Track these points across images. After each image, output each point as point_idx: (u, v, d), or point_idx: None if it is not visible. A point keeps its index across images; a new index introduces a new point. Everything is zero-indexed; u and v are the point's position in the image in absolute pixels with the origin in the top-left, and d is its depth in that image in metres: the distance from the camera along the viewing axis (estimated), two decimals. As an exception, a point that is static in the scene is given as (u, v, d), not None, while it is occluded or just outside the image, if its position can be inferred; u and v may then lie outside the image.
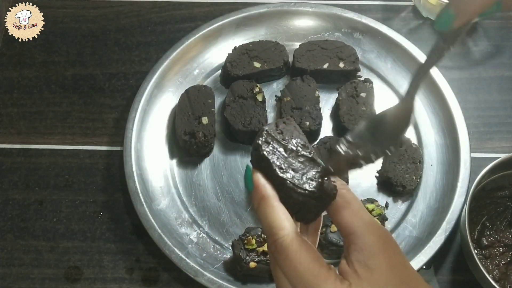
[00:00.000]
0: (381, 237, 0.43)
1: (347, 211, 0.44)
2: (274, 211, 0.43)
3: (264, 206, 0.43)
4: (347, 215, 0.44)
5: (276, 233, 0.42)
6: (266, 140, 0.45)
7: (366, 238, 0.43)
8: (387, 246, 0.43)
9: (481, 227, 0.77)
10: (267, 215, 0.43)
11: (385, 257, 0.43)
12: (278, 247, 0.42)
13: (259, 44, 0.89)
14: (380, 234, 0.44)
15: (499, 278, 0.73)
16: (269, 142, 0.45)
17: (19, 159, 0.85)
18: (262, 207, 0.43)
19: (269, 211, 0.43)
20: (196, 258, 0.75)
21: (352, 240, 0.44)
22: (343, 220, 0.44)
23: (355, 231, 0.44)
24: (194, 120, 0.82)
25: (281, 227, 0.42)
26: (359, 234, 0.43)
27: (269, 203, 0.43)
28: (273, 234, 0.42)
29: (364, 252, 0.43)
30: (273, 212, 0.43)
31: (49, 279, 0.77)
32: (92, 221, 0.81)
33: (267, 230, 0.43)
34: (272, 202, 0.43)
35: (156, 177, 0.81)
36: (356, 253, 0.43)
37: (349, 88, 0.85)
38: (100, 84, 0.91)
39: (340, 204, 0.44)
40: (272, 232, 0.43)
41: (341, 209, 0.44)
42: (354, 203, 0.45)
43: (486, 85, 0.90)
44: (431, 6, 0.91)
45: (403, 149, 0.81)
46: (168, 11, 0.98)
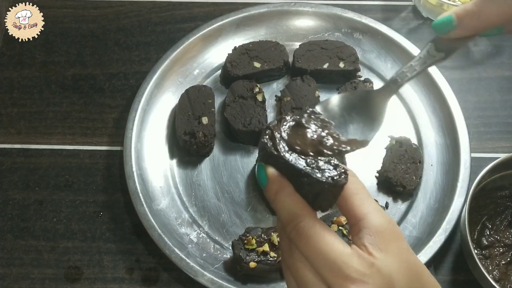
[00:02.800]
0: (390, 222, 0.45)
1: (358, 197, 0.46)
2: (293, 198, 0.44)
3: (282, 195, 0.45)
4: (357, 201, 0.45)
5: (297, 218, 0.44)
6: (272, 137, 0.46)
7: (378, 222, 0.44)
8: (395, 232, 0.45)
9: (481, 227, 0.77)
10: (286, 203, 0.44)
11: (394, 242, 0.45)
12: (300, 230, 0.43)
13: (259, 44, 0.89)
14: (389, 220, 0.45)
15: (499, 278, 0.73)
16: (275, 138, 0.46)
17: (19, 159, 0.85)
18: (280, 196, 0.45)
19: (288, 199, 0.44)
20: (196, 258, 0.75)
21: (363, 225, 0.45)
22: (354, 206, 0.45)
23: (365, 216, 0.45)
24: (194, 120, 0.82)
25: (301, 213, 0.44)
26: (369, 218, 0.45)
27: (286, 191, 0.45)
28: (294, 219, 0.44)
29: (376, 236, 0.44)
30: (291, 199, 0.44)
31: (49, 279, 0.77)
32: (92, 221, 0.81)
33: (286, 217, 0.44)
34: (290, 190, 0.45)
35: (156, 177, 0.81)
36: (368, 237, 0.44)
37: (349, 88, 0.85)
38: (100, 84, 0.91)
39: (351, 190, 0.46)
40: (293, 218, 0.44)
41: (351, 196, 0.46)
42: (364, 191, 0.46)
43: (486, 85, 0.90)
44: (431, 6, 0.91)
45: (403, 149, 0.81)
46: (168, 11, 0.98)
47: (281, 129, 0.46)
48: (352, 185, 0.46)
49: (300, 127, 0.47)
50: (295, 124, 0.47)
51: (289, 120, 0.47)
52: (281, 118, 0.47)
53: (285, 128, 0.47)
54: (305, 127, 0.47)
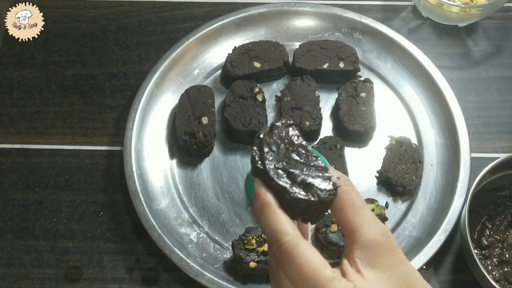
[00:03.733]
0: (383, 235, 0.44)
1: (351, 208, 0.44)
2: (276, 217, 0.43)
3: (266, 213, 0.43)
4: (350, 213, 0.44)
5: (281, 238, 0.42)
6: (261, 149, 0.44)
7: (369, 235, 0.43)
8: (389, 245, 0.44)
9: (481, 227, 0.77)
10: (270, 222, 0.43)
11: (386, 256, 0.43)
12: (283, 252, 0.42)
13: (259, 44, 0.89)
14: (383, 232, 0.44)
15: (499, 278, 0.73)
16: (264, 151, 0.44)
17: (19, 159, 0.85)
18: (264, 214, 0.43)
19: (272, 217, 0.43)
20: (196, 258, 0.75)
21: (355, 238, 0.44)
22: (347, 218, 0.44)
23: (358, 229, 0.44)
24: (194, 120, 0.82)
25: (285, 232, 0.42)
26: (362, 232, 0.43)
27: (270, 209, 0.43)
28: (278, 240, 0.42)
29: (366, 250, 0.43)
30: (275, 218, 0.43)
31: (49, 279, 0.77)
32: (92, 221, 0.81)
33: (270, 236, 0.43)
34: (274, 209, 0.43)
35: (156, 177, 0.81)
36: (359, 252, 0.43)
37: (349, 88, 0.85)
38: (100, 84, 0.91)
39: (344, 201, 0.44)
40: (276, 238, 0.43)
41: (344, 207, 0.44)
42: (358, 201, 0.45)
43: (486, 85, 0.90)
44: (431, 6, 0.91)
45: (403, 149, 0.81)
46: (168, 11, 0.98)
47: (271, 138, 0.45)
48: (346, 196, 0.44)
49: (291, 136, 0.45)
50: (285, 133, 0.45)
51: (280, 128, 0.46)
52: (272, 125, 0.45)
53: (275, 137, 0.45)
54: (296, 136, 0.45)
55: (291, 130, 0.46)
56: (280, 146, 0.45)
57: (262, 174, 0.44)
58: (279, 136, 0.45)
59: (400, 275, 0.43)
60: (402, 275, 0.43)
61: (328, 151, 0.80)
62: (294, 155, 0.44)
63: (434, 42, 0.93)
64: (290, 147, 0.45)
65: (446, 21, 0.94)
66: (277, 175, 0.43)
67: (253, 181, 0.44)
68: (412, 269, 0.45)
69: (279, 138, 0.45)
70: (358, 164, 0.82)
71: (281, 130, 0.45)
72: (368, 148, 0.84)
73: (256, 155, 0.44)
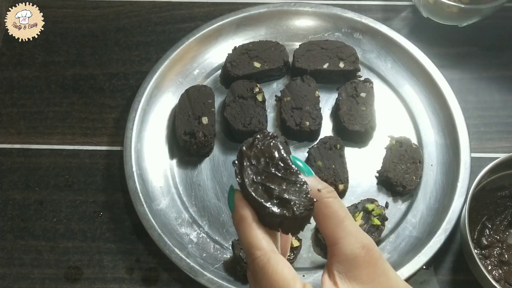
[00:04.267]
0: (363, 247, 0.43)
1: (331, 221, 0.44)
2: (251, 231, 0.43)
3: (243, 226, 0.44)
4: (330, 226, 0.44)
5: (254, 253, 0.43)
6: (241, 162, 0.44)
7: (348, 249, 0.43)
8: (369, 257, 0.43)
9: (481, 227, 0.77)
10: (245, 235, 0.43)
11: (366, 268, 0.43)
12: (256, 266, 0.43)
13: (259, 44, 0.89)
14: (363, 245, 0.43)
15: (499, 278, 0.73)
16: (244, 164, 0.44)
17: (19, 159, 0.85)
18: (241, 227, 0.44)
19: (247, 231, 0.43)
20: (196, 258, 0.75)
21: (334, 251, 0.44)
22: (327, 231, 0.44)
23: (338, 241, 0.44)
24: (194, 120, 0.82)
25: (258, 247, 0.43)
26: (341, 245, 0.43)
27: (246, 223, 0.43)
28: (251, 254, 0.43)
29: (344, 264, 0.43)
30: (250, 232, 0.43)
31: (49, 279, 0.77)
32: (92, 221, 0.81)
33: (246, 249, 0.44)
34: (249, 223, 0.43)
35: (156, 177, 0.81)
36: (337, 264, 0.43)
37: (349, 88, 0.85)
38: (100, 84, 0.91)
39: (325, 214, 0.44)
40: (250, 252, 0.43)
41: (325, 219, 0.44)
42: (340, 213, 0.44)
43: (486, 85, 0.90)
44: (431, 6, 0.91)
45: (403, 149, 0.81)
46: (168, 11, 0.98)
47: (252, 151, 0.44)
48: (326, 209, 0.44)
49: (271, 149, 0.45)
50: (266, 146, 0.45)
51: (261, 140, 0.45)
52: (255, 137, 0.45)
53: (256, 151, 0.45)
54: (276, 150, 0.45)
55: (272, 143, 0.45)
56: (260, 160, 0.44)
57: (241, 188, 0.44)
58: (259, 149, 0.45)
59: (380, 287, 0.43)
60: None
61: (328, 151, 0.80)
62: (273, 169, 0.44)
63: (434, 42, 0.93)
64: (270, 160, 0.44)
65: (446, 21, 0.94)
66: (255, 190, 0.43)
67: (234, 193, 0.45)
68: (396, 281, 0.44)
69: (259, 151, 0.45)
70: (358, 164, 0.82)
71: (262, 143, 0.45)
72: (368, 148, 0.84)
73: (237, 168, 0.44)
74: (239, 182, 0.44)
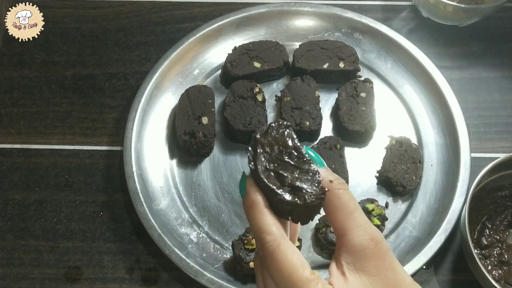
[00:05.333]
0: (372, 240, 0.44)
1: (341, 212, 0.44)
2: (262, 217, 0.44)
3: (253, 212, 0.44)
4: (340, 217, 0.44)
5: (264, 238, 0.43)
6: (255, 149, 0.45)
7: (356, 240, 0.44)
8: (377, 250, 0.44)
9: (481, 227, 0.77)
10: (255, 221, 0.44)
11: (374, 261, 0.43)
12: (265, 251, 0.43)
13: (259, 44, 0.89)
14: (372, 237, 0.44)
15: (499, 278, 0.73)
16: (257, 151, 0.45)
17: (19, 159, 0.85)
18: (251, 212, 0.44)
19: (258, 217, 0.44)
20: (196, 258, 0.75)
21: (343, 242, 0.44)
22: (336, 221, 0.45)
23: (347, 233, 0.44)
24: (194, 120, 0.82)
25: (268, 232, 0.43)
26: (350, 236, 0.44)
27: (257, 209, 0.44)
28: (261, 239, 0.43)
29: (353, 255, 0.43)
30: (261, 217, 0.44)
31: (49, 279, 0.77)
32: (92, 221, 0.81)
33: (256, 235, 0.44)
34: (261, 208, 0.44)
35: (156, 177, 0.81)
36: (345, 255, 0.44)
37: (349, 88, 0.85)
38: (100, 84, 0.91)
39: (335, 205, 0.45)
40: (260, 237, 0.44)
41: (335, 210, 0.45)
42: (349, 205, 0.45)
43: (486, 85, 0.90)
44: (431, 6, 0.91)
45: (403, 149, 0.81)
46: (168, 11, 0.98)
47: (266, 139, 0.45)
48: (337, 200, 0.44)
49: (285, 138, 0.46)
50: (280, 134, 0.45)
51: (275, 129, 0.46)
52: (269, 126, 0.46)
53: (270, 138, 0.45)
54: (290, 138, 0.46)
55: (286, 132, 0.46)
56: (274, 148, 0.45)
57: (254, 174, 0.44)
58: (273, 137, 0.45)
59: (387, 281, 0.43)
60: (389, 281, 0.43)
61: (328, 151, 0.80)
62: (286, 157, 0.45)
63: (434, 42, 0.93)
64: (284, 148, 0.45)
65: (446, 21, 0.94)
66: (267, 176, 0.44)
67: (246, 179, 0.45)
68: (403, 275, 0.44)
69: (273, 139, 0.45)
70: (358, 164, 0.82)
71: (277, 131, 0.46)
72: (368, 148, 0.84)
73: (250, 155, 0.45)
74: (252, 168, 0.44)
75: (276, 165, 0.44)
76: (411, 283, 0.45)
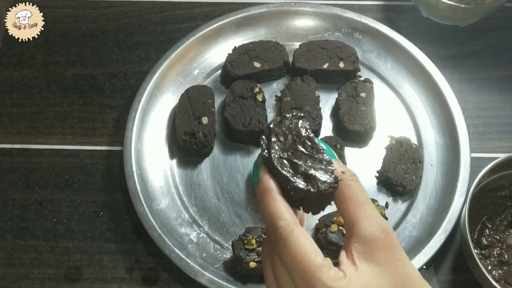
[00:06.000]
0: (383, 231, 0.44)
1: (352, 203, 0.45)
2: (275, 203, 0.44)
3: (266, 198, 0.45)
4: (351, 207, 0.45)
5: (277, 223, 0.44)
6: (269, 138, 0.46)
7: (367, 230, 0.44)
8: (387, 241, 0.44)
9: (481, 227, 0.77)
10: (268, 207, 0.45)
11: (384, 251, 0.44)
12: (278, 236, 0.44)
13: (259, 44, 0.89)
14: (383, 229, 0.44)
15: (499, 278, 0.73)
16: (272, 140, 0.45)
17: (19, 159, 0.85)
18: (265, 199, 0.45)
19: (271, 203, 0.44)
20: (196, 258, 0.75)
21: (353, 232, 0.45)
22: (347, 211, 0.45)
23: (358, 223, 0.45)
24: (194, 120, 0.82)
25: (282, 217, 0.44)
26: (361, 226, 0.44)
27: (270, 195, 0.45)
28: (274, 224, 0.44)
29: (363, 244, 0.44)
30: (274, 204, 0.44)
31: (49, 279, 0.77)
32: (92, 221, 0.81)
33: (268, 221, 0.45)
34: (274, 195, 0.45)
35: (156, 177, 0.81)
36: (356, 245, 0.44)
37: (349, 88, 0.85)
38: (100, 84, 0.91)
39: (346, 195, 0.45)
40: (273, 222, 0.44)
41: (346, 201, 0.45)
42: (360, 196, 0.46)
43: (486, 85, 0.90)
44: (431, 6, 0.91)
45: (403, 149, 0.81)
46: (168, 11, 0.98)
47: (280, 128, 0.46)
48: (348, 190, 0.45)
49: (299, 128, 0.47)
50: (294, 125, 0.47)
51: (290, 119, 0.47)
52: (283, 116, 0.47)
53: (284, 128, 0.46)
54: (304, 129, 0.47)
55: (300, 122, 0.47)
56: (288, 137, 0.46)
57: (267, 162, 0.45)
58: (287, 127, 0.47)
59: (396, 272, 0.44)
60: (398, 273, 0.44)
61: None
62: (300, 147, 0.46)
63: (434, 42, 0.93)
64: (298, 138, 0.46)
65: (446, 21, 0.94)
66: (281, 164, 0.45)
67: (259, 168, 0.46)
68: (411, 269, 0.45)
69: (287, 129, 0.46)
70: (358, 164, 0.82)
71: (291, 121, 0.47)
72: (368, 148, 0.84)
73: (264, 143, 0.46)
74: (265, 156, 0.45)
75: (289, 154, 0.45)
76: (419, 277, 0.45)
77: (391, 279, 0.43)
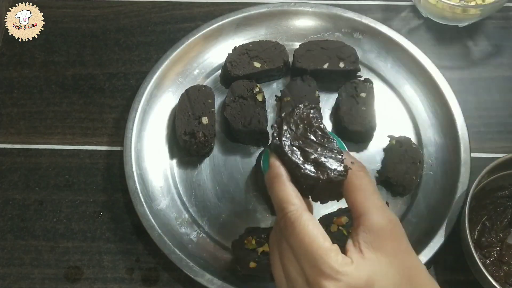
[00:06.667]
0: (390, 222, 0.45)
1: (361, 193, 0.46)
2: (285, 188, 0.45)
3: (277, 183, 0.46)
4: (360, 197, 0.46)
5: (286, 207, 0.45)
6: (280, 126, 0.46)
7: (375, 220, 0.45)
8: (395, 232, 0.45)
9: (481, 227, 0.77)
10: (279, 192, 0.45)
11: (391, 242, 0.45)
12: (287, 220, 0.44)
13: (259, 44, 0.89)
14: (390, 220, 0.45)
15: (499, 278, 0.73)
16: (283, 128, 0.46)
17: (19, 159, 0.85)
18: (275, 184, 0.46)
19: (281, 188, 0.45)
20: (196, 258, 0.75)
21: (361, 221, 0.45)
22: (356, 201, 0.46)
23: (366, 212, 0.45)
24: (194, 120, 0.82)
25: (291, 202, 0.45)
26: (369, 216, 0.45)
27: (281, 180, 0.46)
28: (283, 209, 0.45)
29: (371, 234, 0.45)
30: (284, 189, 0.45)
31: (49, 279, 0.77)
32: (92, 221, 0.81)
33: (278, 205, 0.46)
34: (284, 180, 0.46)
35: (156, 177, 0.81)
36: (364, 234, 0.45)
37: (349, 88, 0.85)
38: (100, 84, 0.91)
39: (356, 185, 0.46)
40: (282, 207, 0.45)
41: (355, 191, 0.46)
42: (369, 187, 0.47)
43: (486, 85, 0.90)
44: (431, 6, 0.91)
45: (403, 149, 0.81)
46: (168, 11, 0.98)
47: (292, 118, 0.47)
48: (357, 180, 0.46)
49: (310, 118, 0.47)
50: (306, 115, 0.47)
51: (301, 109, 0.47)
52: (295, 106, 0.48)
53: (296, 117, 0.47)
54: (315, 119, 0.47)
55: (311, 112, 0.48)
56: (299, 126, 0.47)
57: (278, 149, 0.46)
58: (299, 117, 0.48)
59: (403, 263, 0.44)
60: (404, 264, 0.44)
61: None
62: (311, 135, 0.47)
63: (434, 42, 0.93)
64: (308, 127, 0.47)
65: (446, 21, 0.94)
66: (292, 152, 0.46)
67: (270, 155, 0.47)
68: (417, 261, 0.46)
69: (299, 119, 0.47)
70: (358, 164, 0.82)
71: (302, 111, 0.48)
72: (368, 148, 0.84)
73: (275, 131, 0.47)
74: (276, 143, 0.46)
75: (300, 142, 0.46)
76: (424, 270, 0.46)
77: (397, 269, 0.44)
